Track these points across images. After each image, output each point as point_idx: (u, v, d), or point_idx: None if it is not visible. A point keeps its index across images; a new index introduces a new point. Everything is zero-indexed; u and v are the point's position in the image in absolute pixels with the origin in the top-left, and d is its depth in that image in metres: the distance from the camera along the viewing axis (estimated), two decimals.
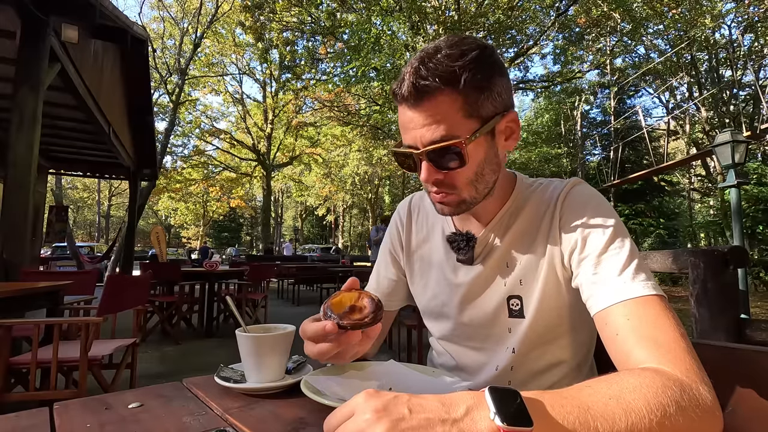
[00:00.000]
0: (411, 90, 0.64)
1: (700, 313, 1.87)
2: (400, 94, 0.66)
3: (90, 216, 39.39)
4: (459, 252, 0.80)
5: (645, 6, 12.29)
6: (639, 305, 0.58)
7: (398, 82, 0.67)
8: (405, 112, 0.67)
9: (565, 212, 0.73)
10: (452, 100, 0.65)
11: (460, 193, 0.71)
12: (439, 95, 0.64)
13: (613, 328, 0.58)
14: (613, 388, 0.44)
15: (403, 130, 0.69)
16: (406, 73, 0.65)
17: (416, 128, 0.66)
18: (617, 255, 0.64)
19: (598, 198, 0.73)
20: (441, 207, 0.74)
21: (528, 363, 0.77)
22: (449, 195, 0.71)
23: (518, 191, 0.80)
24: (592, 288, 0.64)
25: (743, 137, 5.64)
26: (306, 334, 0.63)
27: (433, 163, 0.68)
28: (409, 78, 0.64)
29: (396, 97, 0.68)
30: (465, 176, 0.69)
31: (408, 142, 0.69)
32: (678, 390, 0.45)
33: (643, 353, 0.53)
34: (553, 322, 0.75)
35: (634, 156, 18.45)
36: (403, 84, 0.65)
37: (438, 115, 0.65)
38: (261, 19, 13.04)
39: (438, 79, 0.63)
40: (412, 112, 0.66)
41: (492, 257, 0.78)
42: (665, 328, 0.55)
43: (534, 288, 0.75)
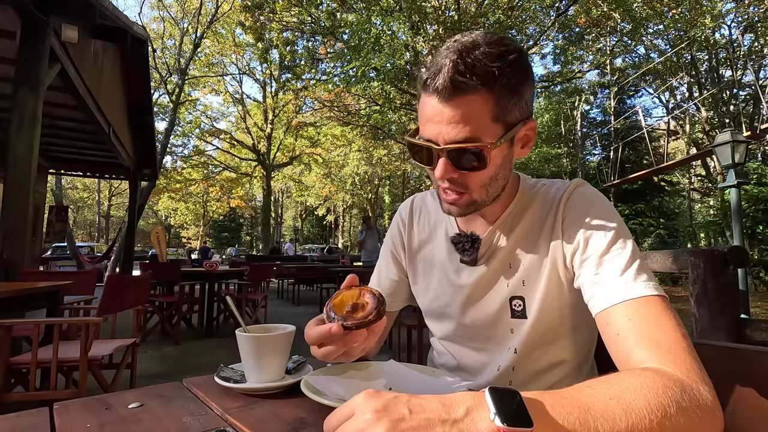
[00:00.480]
0: (447, 84, 0.62)
1: (700, 313, 1.88)
2: (433, 85, 0.63)
3: (90, 216, 39.38)
4: (464, 253, 0.80)
5: (645, 6, 12.28)
6: (640, 305, 0.58)
7: (432, 72, 0.64)
8: (433, 104, 0.65)
9: (568, 213, 0.73)
10: (485, 101, 0.63)
11: (472, 194, 0.70)
12: (473, 94, 0.62)
13: (614, 328, 0.58)
14: (614, 388, 0.44)
15: (426, 121, 0.67)
16: (444, 66, 0.62)
17: (441, 123, 0.64)
18: (619, 256, 0.64)
19: (600, 199, 0.73)
20: (449, 207, 0.73)
21: (529, 363, 0.77)
22: (461, 195, 0.70)
23: (522, 192, 0.80)
24: (594, 288, 0.64)
25: (743, 137, 5.64)
26: (311, 338, 0.63)
27: (451, 162, 0.66)
28: (448, 71, 0.62)
29: (426, 87, 0.65)
30: (480, 179, 0.69)
31: (428, 135, 0.66)
32: (679, 390, 0.45)
33: (643, 353, 0.53)
34: (554, 323, 0.75)
35: (634, 156, 18.44)
36: (439, 76, 0.62)
37: (468, 115, 0.63)
38: (261, 19, 13.03)
39: (476, 78, 0.61)
40: (442, 106, 0.64)
41: (495, 258, 0.78)
42: (666, 329, 0.55)
43: (536, 289, 0.75)
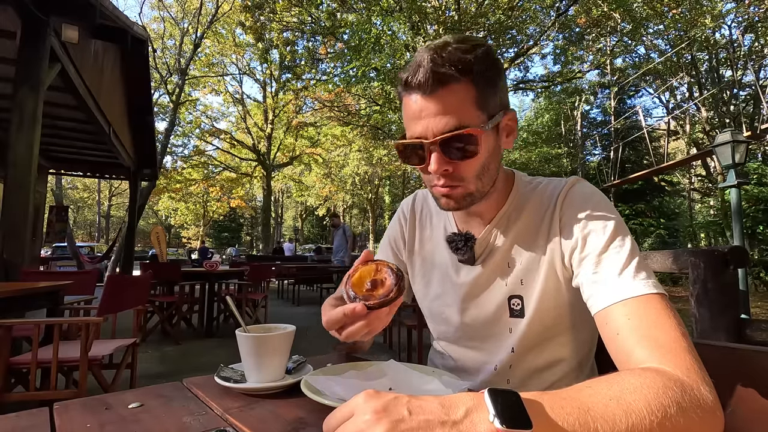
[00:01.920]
0: (429, 76, 0.64)
1: (700, 313, 1.87)
2: (415, 81, 0.65)
3: (90, 216, 39.38)
4: (458, 252, 0.80)
5: (645, 6, 12.27)
6: (640, 304, 0.58)
7: (411, 70, 0.66)
8: (417, 101, 0.67)
9: (566, 211, 0.73)
10: (467, 90, 0.65)
11: (467, 185, 0.70)
12: (455, 84, 0.65)
13: (613, 327, 0.58)
14: (614, 388, 0.44)
15: (412, 121, 0.68)
16: (422, 61, 0.65)
17: (428, 117, 0.66)
18: (618, 254, 0.64)
19: (598, 196, 0.73)
20: (446, 201, 0.73)
21: (527, 361, 0.77)
22: (456, 188, 0.71)
23: (517, 190, 0.80)
24: (593, 287, 0.64)
25: (743, 137, 5.64)
26: (332, 319, 0.61)
27: (444, 153, 0.67)
28: (427, 65, 0.64)
29: (407, 86, 0.67)
30: (474, 168, 0.69)
31: (417, 132, 0.68)
32: (679, 390, 0.45)
33: (643, 353, 0.53)
34: (552, 321, 0.75)
35: (635, 156, 18.43)
36: (418, 71, 0.65)
37: (453, 105, 0.65)
38: (261, 19, 13.03)
39: (454, 68, 0.64)
40: (426, 101, 0.66)
41: (493, 258, 0.78)
42: (666, 328, 0.55)
43: (534, 287, 0.75)
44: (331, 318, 0.61)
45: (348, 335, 0.61)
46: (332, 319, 0.61)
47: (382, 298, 0.59)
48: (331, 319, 0.61)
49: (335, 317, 0.61)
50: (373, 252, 0.69)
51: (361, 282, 0.62)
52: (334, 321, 0.61)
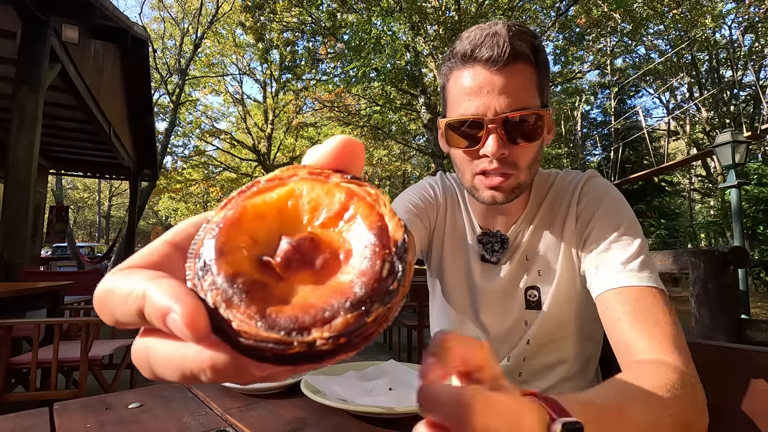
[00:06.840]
0: (505, 49, 0.60)
1: (700, 313, 1.87)
2: (484, 53, 0.61)
3: (90, 216, 39.38)
4: (493, 254, 0.77)
5: (645, 6, 12.28)
6: (641, 294, 0.58)
7: (479, 41, 0.62)
8: (479, 75, 0.62)
9: (582, 203, 0.73)
10: (531, 72, 0.64)
11: (519, 174, 0.67)
12: (525, 64, 0.63)
13: (613, 313, 0.59)
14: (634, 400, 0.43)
15: (466, 97, 0.64)
16: (499, 32, 0.61)
17: (492, 93, 0.62)
18: (627, 246, 0.64)
19: (613, 191, 0.73)
20: (493, 193, 0.68)
21: (539, 357, 0.76)
22: (508, 177, 0.66)
23: (537, 185, 0.79)
24: (597, 271, 0.65)
25: (744, 137, 5.64)
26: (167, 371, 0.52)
27: (506, 134, 0.63)
28: (505, 36, 0.60)
29: (469, 59, 0.63)
30: (530, 153, 0.67)
31: (475, 110, 0.63)
32: (689, 387, 0.46)
33: (644, 344, 0.53)
34: (566, 317, 0.75)
35: (635, 156, 18.41)
36: (493, 42, 0.61)
37: (521, 84, 0.62)
38: (261, 19, 13.04)
39: (529, 48, 0.62)
40: (493, 75, 0.61)
41: (516, 254, 0.77)
42: (666, 322, 0.55)
43: (551, 278, 0.74)
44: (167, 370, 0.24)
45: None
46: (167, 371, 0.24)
47: (340, 329, 0.18)
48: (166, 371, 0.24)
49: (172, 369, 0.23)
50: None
51: (269, 236, 0.22)
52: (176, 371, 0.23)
